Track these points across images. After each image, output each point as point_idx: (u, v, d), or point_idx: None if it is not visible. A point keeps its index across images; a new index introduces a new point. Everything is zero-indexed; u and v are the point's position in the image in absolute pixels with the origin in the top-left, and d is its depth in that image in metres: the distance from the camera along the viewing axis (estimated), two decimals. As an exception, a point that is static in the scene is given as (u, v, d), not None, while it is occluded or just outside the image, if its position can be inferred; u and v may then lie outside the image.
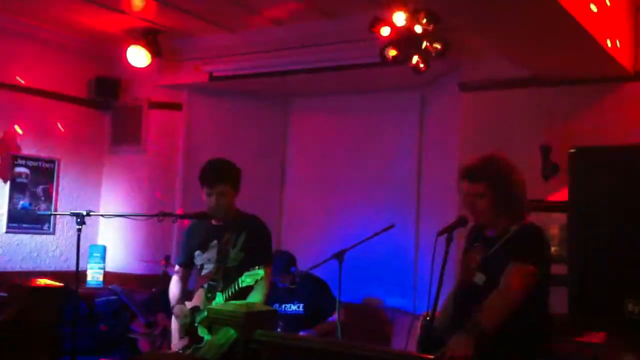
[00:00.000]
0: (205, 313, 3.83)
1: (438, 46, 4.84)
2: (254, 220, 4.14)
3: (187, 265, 4.23)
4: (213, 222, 4.11)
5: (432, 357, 2.81)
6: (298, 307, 5.25)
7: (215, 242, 4.06)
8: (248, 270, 3.85)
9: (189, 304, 4.09)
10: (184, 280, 4.24)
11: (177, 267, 4.30)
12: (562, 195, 4.43)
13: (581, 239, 2.45)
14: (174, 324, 4.13)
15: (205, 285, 4.03)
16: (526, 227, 3.17)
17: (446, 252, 3.14)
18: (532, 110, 5.14)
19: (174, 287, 4.21)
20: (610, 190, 2.52)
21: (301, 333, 5.02)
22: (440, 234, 3.19)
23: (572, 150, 2.62)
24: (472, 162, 3.26)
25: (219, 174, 4.03)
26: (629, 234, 2.40)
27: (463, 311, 3.14)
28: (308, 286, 5.30)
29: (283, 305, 5.25)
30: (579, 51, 4.42)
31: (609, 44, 4.38)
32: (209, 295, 3.99)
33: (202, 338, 3.90)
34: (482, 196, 3.18)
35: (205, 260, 4.08)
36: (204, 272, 4.09)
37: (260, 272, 3.81)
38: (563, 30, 4.05)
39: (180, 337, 4.04)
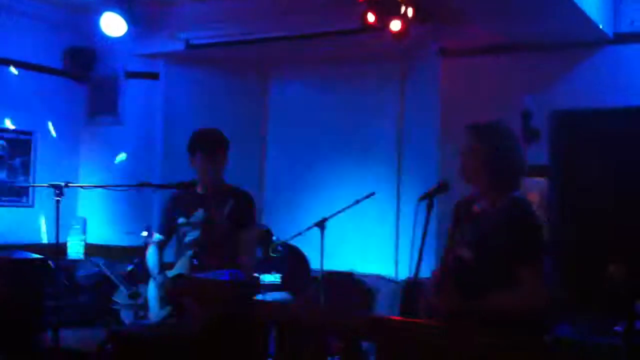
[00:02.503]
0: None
1: (417, 12, 4.80)
2: (239, 190, 4.15)
3: (168, 233, 4.21)
4: (198, 190, 4.10)
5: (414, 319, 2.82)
6: (275, 277, 5.26)
7: (200, 210, 4.05)
8: (233, 237, 3.87)
9: (170, 273, 4.09)
10: (161, 249, 4.22)
11: (156, 236, 4.26)
12: (542, 160, 4.45)
13: (562, 203, 2.46)
14: (152, 294, 4.12)
15: (190, 252, 4.03)
16: (519, 205, 3.03)
17: (427, 218, 3.12)
18: (512, 76, 5.14)
19: (154, 257, 4.19)
20: (591, 154, 2.53)
21: (278, 296, 5.04)
22: (421, 199, 3.17)
23: (552, 114, 2.62)
24: (475, 122, 3.18)
25: (220, 142, 4.05)
26: (609, 197, 2.42)
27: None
28: (286, 257, 5.31)
29: (261, 275, 5.26)
30: (559, 15, 4.40)
31: (588, 8, 4.37)
32: (195, 261, 3.98)
33: (187, 308, 3.88)
34: (475, 151, 3.10)
35: (189, 228, 4.08)
36: (187, 239, 4.08)
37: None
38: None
39: (162, 307, 4.03)
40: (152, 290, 4.14)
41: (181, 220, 4.11)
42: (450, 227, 3.28)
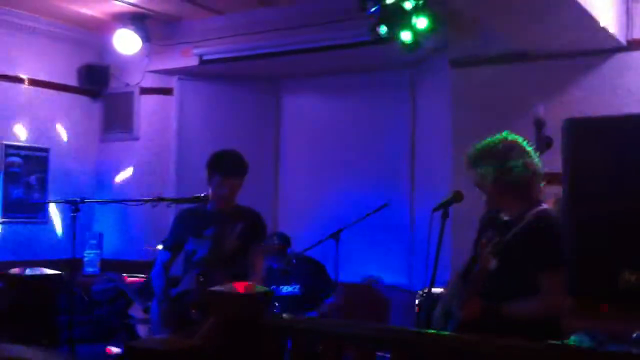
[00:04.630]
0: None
1: (428, 22, 4.80)
2: (251, 211, 4.15)
3: (176, 250, 4.20)
4: (209, 209, 4.10)
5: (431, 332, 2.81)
6: (294, 288, 5.25)
7: (211, 229, 4.05)
8: (242, 256, 3.87)
9: (175, 290, 4.08)
10: (167, 269, 4.19)
11: (163, 252, 4.23)
12: (556, 168, 4.42)
13: (576, 210, 2.45)
14: (156, 315, 4.11)
15: (198, 270, 4.02)
16: (543, 217, 3.04)
17: (442, 228, 3.12)
18: (524, 84, 5.12)
19: (160, 277, 4.16)
20: (604, 161, 2.51)
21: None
22: (435, 210, 3.17)
23: (565, 122, 2.60)
24: (473, 149, 3.20)
25: (242, 167, 4.03)
26: (623, 205, 2.39)
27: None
28: (304, 267, 5.30)
29: (279, 287, 5.25)
30: (571, 23, 4.39)
31: (601, 15, 4.35)
32: (201, 279, 3.97)
33: (195, 322, 3.87)
34: (485, 181, 3.12)
35: (198, 246, 4.07)
36: (196, 257, 4.07)
37: None
38: (554, 2, 4.02)
39: (165, 329, 4.01)
40: (155, 311, 4.13)
41: (191, 239, 4.10)
42: (477, 232, 3.27)
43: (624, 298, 2.33)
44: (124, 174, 6.87)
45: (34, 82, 6.55)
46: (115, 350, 5.27)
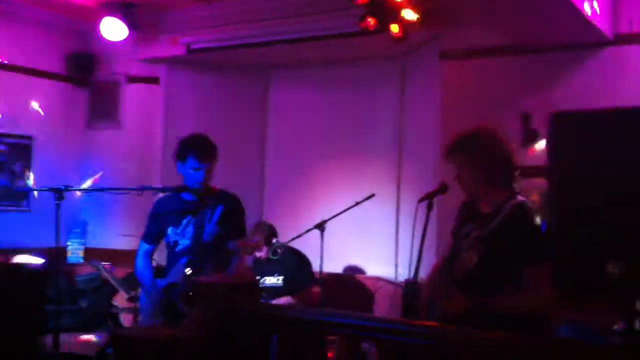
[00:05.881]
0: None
1: (417, 14, 4.80)
2: (228, 195, 4.12)
3: (157, 241, 4.19)
4: (184, 197, 4.08)
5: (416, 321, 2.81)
6: (277, 279, 5.24)
7: (189, 217, 4.04)
8: (223, 244, 3.86)
9: (162, 281, 4.07)
10: (151, 258, 4.20)
11: (144, 244, 4.22)
12: (542, 161, 4.45)
13: (560, 202, 2.46)
14: (144, 304, 4.10)
15: (183, 260, 4.01)
16: (520, 209, 3.05)
17: (427, 219, 3.13)
18: (512, 77, 5.14)
19: (144, 267, 4.15)
20: (589, 154, 2.53)
21: (281, 300, 5.03)
22: (421, 200, 3.18)
23: (551, 116, 2.62)
24: (453, 138, 3.22)
25: (212, 150, 4.02)
26: (607, 197, 2.42)
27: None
28: (287, 258, 5.29)
29: (263, 278, 5.24)
30: (558, 17, 4.40)
31: (588, 9, 4.37)
32: (188, 270, 3.96)
33: (182, 315, 3.86)
34: (463, 170, 3.14)
35: (180, 236, 4.06)
36: (178, 248, 4.06)
37: None
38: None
39: (153, 318, 4.00)
40: (143, 300, 4.12)
41: (171, 229, 4.08)
42: (454, 226, 3.28)
43: (608, 289, 2.35)
44: (110, 163, 6.83)
45: (18, 69, 6.48)
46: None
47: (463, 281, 3.04)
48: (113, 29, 6.19)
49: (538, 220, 3.09)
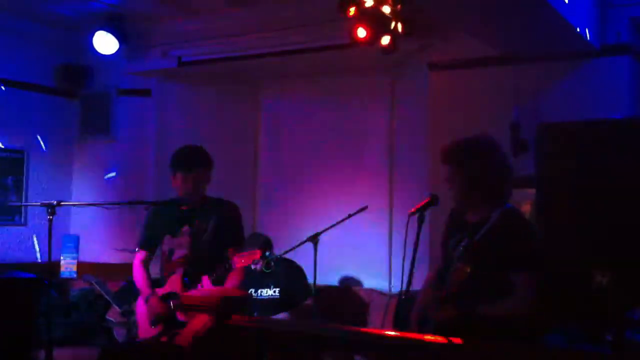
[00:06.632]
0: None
1: (406, 26, 4.83)
2: (224, 203, 4.14)
3: (152, 249, 4.20)
4: (180, 207, 4.09)
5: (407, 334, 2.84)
6: (274, 291, 5.26)
7: (186, 227, 4.05)
8: (220, 253, 3.87)
9: (160, 290, 4.07)
10: (147, 266, 4.20)
11: (140, 252, 4.22)
12: (532, 171, 4.48)
13: (548, 212, 2.49)
14: (141, 312, 4.10)
15: (181, 271, 4.02)
16: (509, 217, 3.07)
17: (418, 232, 3.15)
18: (500, 88, 5.18)
19: (141, 275, 4.16)
20: (577, 165, 2.56)
21: (278, 316, 5.04)
22: (412, 213, 3.20)
23: (539, 126, 2.65)
24: (446, 145, 3.24)
25: (198, 158, 4.04)
26: (595, 207, 2.45)
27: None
28: (283, 270, 5.31)
29: (259, 290, 5.25)
30: (545, 28, 4.45)
31: (575, 20, 4.42)
32: (186, 280, 3.98)
33: (180, 324, 3.88)
34: (454, 179, 3.16)
35: (176, 246, 4.07)
36: (174, 257, 4.07)
37: None
38: (529, 6, 4.07)
39: (152, 326, 4.01)
40: (141, 309, 4.13)
41: (167, 237, 4.09)
42: (443, 235, 3.31)
43: (596, 298, 2.38)
44: (102, 176, 6.82)
45: (9, 83, 6.47)
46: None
47: (458, 292, 3.06)
48: (104, 42, 6.20)
49: (529, 226, 3.10)
